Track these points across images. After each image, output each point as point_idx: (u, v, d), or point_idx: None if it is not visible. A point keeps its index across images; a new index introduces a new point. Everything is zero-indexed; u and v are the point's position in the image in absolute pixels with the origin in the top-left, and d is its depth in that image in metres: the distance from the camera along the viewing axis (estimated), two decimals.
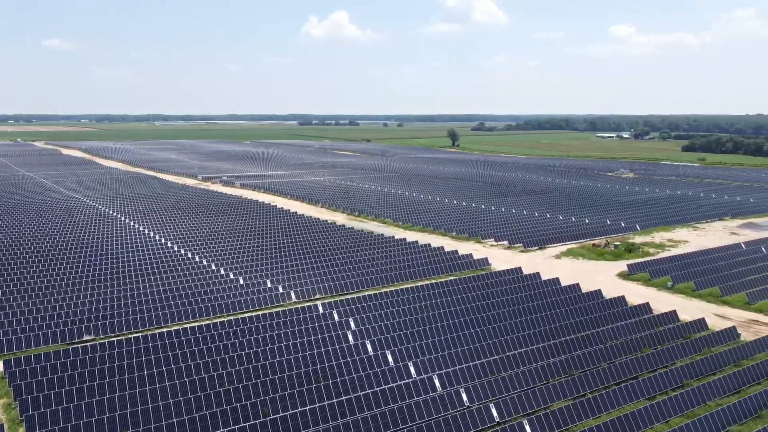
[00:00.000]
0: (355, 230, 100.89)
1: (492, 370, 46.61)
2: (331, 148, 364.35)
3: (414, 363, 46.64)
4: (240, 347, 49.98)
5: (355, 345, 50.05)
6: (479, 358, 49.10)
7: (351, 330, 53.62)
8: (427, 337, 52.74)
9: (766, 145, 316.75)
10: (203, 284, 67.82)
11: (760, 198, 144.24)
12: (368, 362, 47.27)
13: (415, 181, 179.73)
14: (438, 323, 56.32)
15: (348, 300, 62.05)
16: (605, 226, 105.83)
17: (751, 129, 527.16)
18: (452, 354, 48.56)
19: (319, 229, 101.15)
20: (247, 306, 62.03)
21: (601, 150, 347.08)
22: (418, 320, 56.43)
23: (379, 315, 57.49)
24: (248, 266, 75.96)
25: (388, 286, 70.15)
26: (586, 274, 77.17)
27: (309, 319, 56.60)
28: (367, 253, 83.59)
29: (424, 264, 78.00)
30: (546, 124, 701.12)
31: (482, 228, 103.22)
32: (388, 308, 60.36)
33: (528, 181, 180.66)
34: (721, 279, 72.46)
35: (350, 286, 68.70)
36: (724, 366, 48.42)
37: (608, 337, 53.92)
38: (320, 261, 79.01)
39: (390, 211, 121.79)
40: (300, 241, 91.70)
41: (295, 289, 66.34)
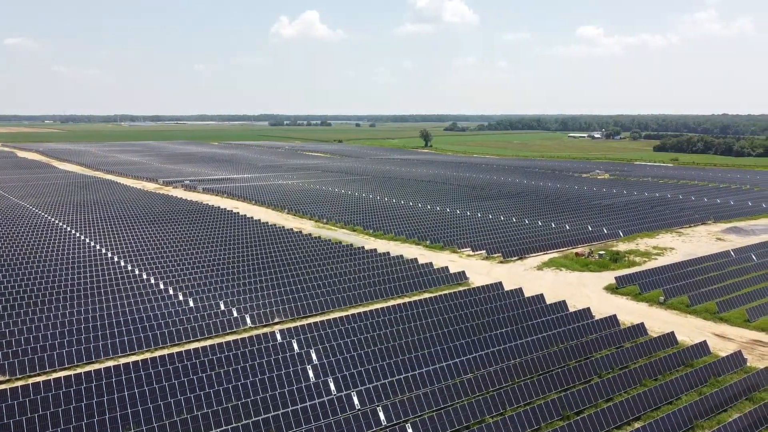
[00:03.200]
0: (323, 240, 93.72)
1: (477, 411, 40.01)
2: (302, 149, 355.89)
3: (384, 407, 39.79)
4: (180, 390, 42.50)
5: (316, 384, 43.00)
6: (459, 397, 42.53)
7: (312, 364, 46.53)
8: (399, 372, 45.94)
9: (736, 145, 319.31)
10: (146, 308, 59.93)
11: (740, 200, 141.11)
12: (330, 406, 40.29)
13: (387, 184, 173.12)
14: (412, 353, 49.62)
15: (311, 325, 54.91)
16: (587, 232, 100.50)
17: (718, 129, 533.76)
18: (428, 393, 41.86)
19: (283, 239, 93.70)
20: (194, 334, 54.48)
21: (574, 150, 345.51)
22: (389, 350, 49.58)
23: (345, 344, 50.48)
24: (201, 285, 68.26)
25: (357, 307, 63.21)
26: (572, 288, 71.39)
27: (265, 351, 49.33)
28: (334, 267, 76.53)
29: (396, 279, 71.27)
30: (518, 124, 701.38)
31: (458, 236, 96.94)
32: (356, 335, 53.43)
33: (503, 183, 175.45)
34: (716, 292, 67.23)
35: (314, 308, 61.57)
36: (737, 400, 42.64)
37: (603, 366, 47.82)
38: (282, 277, 71.69)
39: (360, 217, 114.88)
40: (261, 253, 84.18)
41: (251, 313, 58.95)
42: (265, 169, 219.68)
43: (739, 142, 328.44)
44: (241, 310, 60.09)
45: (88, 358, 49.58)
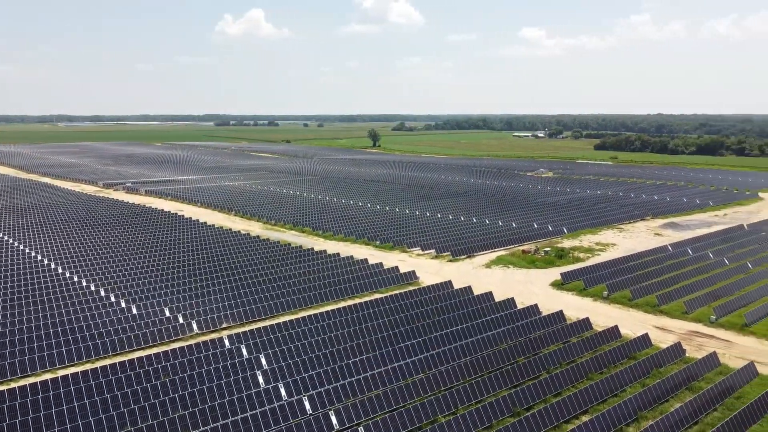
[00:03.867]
0: (271, 242, 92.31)
1: (430, 411, 40.05)
2: (249, 149, 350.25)
3: (336, 411, 39.35)
4: (124, 402, 40.85)
5: (266, 390, 42.15)
6: (412, 398, 42.51)
7: (262, 369, 45.62)
8: (351, 375, 45.56)
9: (671, 143, 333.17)
10: (86, 317, 57.47)
11: (675, 196, 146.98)
12: (281, 412, 39.54)
13: (337, 184, 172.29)
14: (363, 355, 49.35)
15: (260, 330, 53.85)
16: (533, 230, 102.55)
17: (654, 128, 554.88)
18: (381, 395, 41.65)
19: (230, 242, 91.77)
20: (138, 342, 52.60)
21: (519, 149, 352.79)
22: (340, 352, 49.13)
23: (296, 348, 49.73)
24: (144, 291, 65.99)
25: (307, 310, 62.44)
26: (520, 285, 72.63)
27: (212, 357, 48.05)
28: (283, 269, 75.46)
29: (347, 280, 70.81)
30: (464, 123, 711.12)
31: (408, 236, 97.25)
32: (306, 338, 52.74)
33: (451, 182, 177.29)
34: (655, 286, 69.68)
35: (263, 312, 60.46)
36: (677, 391, 44.20)
37: (551, 361, 48.75)
38: (230, 281, 70.13)
39: (310, 218, 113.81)
40: (208, 256, 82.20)
41: (198, 319, 57.39)
42: (211, 171, 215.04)
43: (673, 140, 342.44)
44: (188, 316, 58.42)
45: (23, 371, 47.14)
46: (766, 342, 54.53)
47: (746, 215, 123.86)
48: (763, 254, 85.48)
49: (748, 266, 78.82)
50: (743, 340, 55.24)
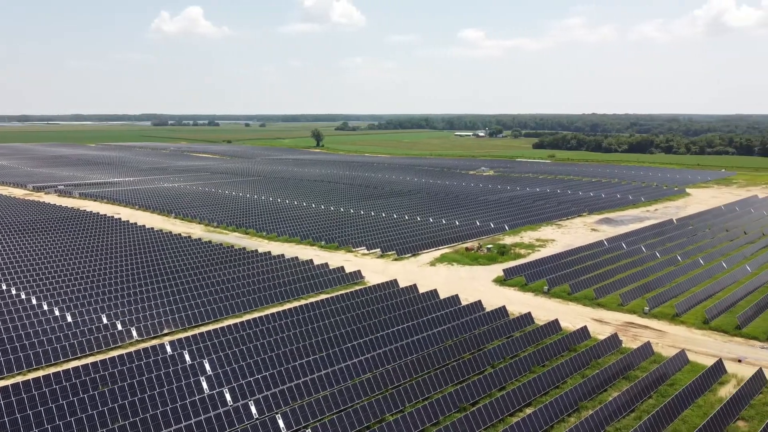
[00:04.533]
0: (213, 244, 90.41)
1: (378, 410, 40.15)
2: (189, 150, 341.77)
3: (283, 414, 38.92)
4: (59, 414, 39.11)
5: (211, 395, 41.25)
6: (359, 398, 42.52)
7: (206, 375, 44.62)
8: (298, 377, 45.18)
9: (605, 142, 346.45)
10: (16, 326, 54.66)
11: (609, 193, 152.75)
12: (226, 417, 38.80)
13: (280, 184, 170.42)
14: (310, 356, 49.02)
15: (203, 335, 52.65)
16: (476, 227, 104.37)
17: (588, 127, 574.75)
18: (328, 396, 41.46)
19: (170, 246, 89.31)
20: (73, 352, 50.50)
21: (461, 148, 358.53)
22: (286, 355, 48.63)
23: (240, 352, 48.88)
24: (79, 298, 63.37)
25: (252, 312, 61.50)
26: (464, 282, 73.79)
27: (154, 364, 46.63)
28: (226, 272, 74.04)
29: (292, 282, 70.14)
30: (407, 123, 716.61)
31: (353, 235, 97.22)
32: (251, 342, 51.94)
33: (395, 181, 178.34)
34: (593, 280, 72.17)
35: (206, 316, 59.15)
36: (615, 380, 45.93)
37: (495, 356, 49.76)
38: (171, 285, 68.21)
39: (253, 219, 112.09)
40: (147, 261, 79.74)
41: (137, 325, 55.58)
42: (148, 172, 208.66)
43: (607, 139, 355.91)
44: (126, 322, 56.49)
45: None
46: (696, 331, 57.38)
47: (675, 210, 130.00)
48: (691, 247, 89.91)
49: (678, 259, 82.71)
50: (674, 329, 57.93)
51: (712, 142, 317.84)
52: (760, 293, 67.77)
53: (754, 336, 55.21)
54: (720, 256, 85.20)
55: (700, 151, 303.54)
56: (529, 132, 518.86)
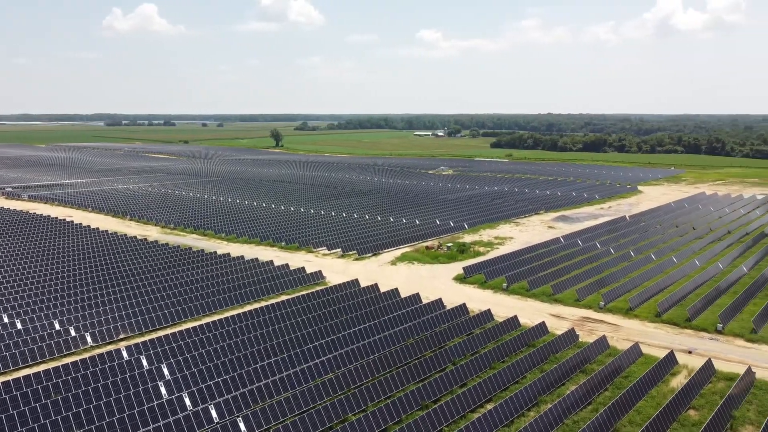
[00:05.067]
0: (171, 246, 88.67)
1: (340, 410, 40.10)
2: (144, 150, 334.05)
3: (244, 417, 38.49)
4: (9, 425, 37.75)
5: (170, 400, 40.45)
6: (322, 398, 42.40)
7: (164, 380, 43.73)
8: (259, 379, 44.74)
9: (560, 141, 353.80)
10: None
11: (565, 191, 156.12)
12: (186, 422, 38.14)
13: (239, 185, 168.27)
14: (271, 358, 48.61)
15: (161, 339, 51.60)
16: (436, 226, 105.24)
17: (544, 126, 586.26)
18: (290, 398, 41.21)
19: (126, 248, 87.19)
20: (24, 359, 48.81)
21: (420, 148, 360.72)
22: (247, 357, 48.11)
23: (200, 356, 48.13)
24: (30, 304, 61.28)
25: (211, 315, 60.59)
26: (424, 281, 74.33)
27: (110, 370, 45.48)
28: (184, 274, 72.72)
29: (252, 283, 69.39)
30: (367, 123, 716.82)
31: (314, 235, 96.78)
32: (211, 345, 51.18)
33: (355, 181, 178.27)
34: (550, 276, 73.67)
35: (164, 320, 57.99)
36: (572, 374, 47.01)
37: (456, 353, 50.29)
38: (126, 289, 66.61)
39: (211, 221, 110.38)
40: (101, 264, 77.66)
41: (92, 330, 54.09)
42: (102, 173, 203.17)
43: (562, 138, 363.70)
44: (80, 328, 54.93)
45: None
46: (649, 324, 59.20)
47: (628, 207, 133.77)
48: (643, 243, 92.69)
49: (631, 254, 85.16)
50: (628, 323, 59.63)
51: (662, 141, 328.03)
52: (708, 286, 70.34)
53: (703, 328, 57.29)
54: (670, 251, 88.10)
55: (651, 150, 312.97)
56: (487, 132, 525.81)
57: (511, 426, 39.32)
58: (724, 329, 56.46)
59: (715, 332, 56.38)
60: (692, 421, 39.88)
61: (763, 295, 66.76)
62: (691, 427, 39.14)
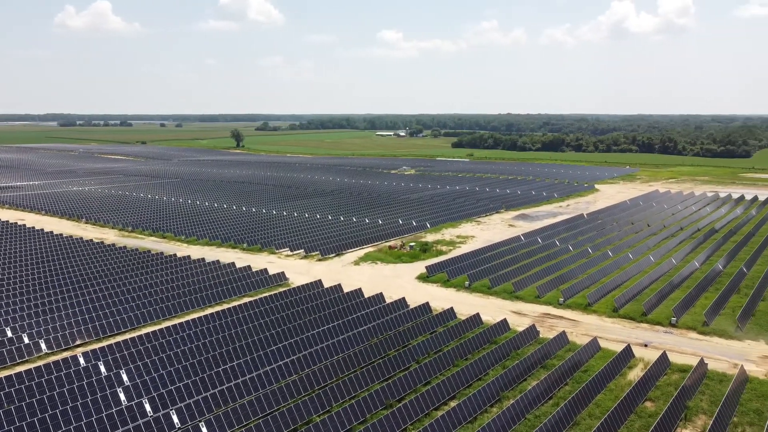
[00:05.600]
0: (129, 250, 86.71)
1: (304, 412, 39.91)
2: (100, 152, 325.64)
3: (207, 422, 37.97)
4: None
5: (129, 407, 39.60)
6: (286, 400, 42.13)
7: (123, 386, 42.78)
8: (222, 383, 44.19)
9: (519, 141, 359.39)
10: None
11: (525, 190, 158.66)
12: (146, 429, 37.40)
13: (199, 186, 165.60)
14: (234, 361, 48.06)
15: (119, 344, 50.44)
16: (398, 226, 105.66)
17: (504, 127, 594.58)
18: (254, 401, 40.82)
19: (82, 252, 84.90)
20: None
21: (382, 148, 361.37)
22: (209, 361, 47.45)
23: (160, 360, 47.23)
24: None
25: (172, 319, 59.53)
26: (387, 280, 74.55)
27: (66, 378, 44.25)
28: (144, 278, 71.23)
29: (213, 285, 68.43)
30: (329, 123, 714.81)
31: (276, 237, 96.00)
32: (171, 349, 50.30)
33: (318, 181, 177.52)
34: (511, 274, 74.79)
35: (122, 324, 56.69)
36: (533, 370, 47.87)
37: (419, 352, 50.63)
38: (83, 294, 64.88)
39: (171, 223, 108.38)
40: (56, 269, 75.42)
41: (47, 337, 52.52)
42: (56, 175, 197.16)
43: (521, 138, 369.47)
44: (34, 335, 53.25)
45: None
46: (607, 319, 60.71)
47: (585, 205, 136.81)
48: (600, 240, 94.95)
49: (589, 251, 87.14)
50: (587, 318, 61.04)
51: (617, 140, 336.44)
52: (662, 281, 72.53)
53: (658, 321, 59.07)
54: (627, 247, 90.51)
55: (607, 149, 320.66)
56: (448, 131, 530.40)
57: (475, 423, 39.82)
58: (678, 322, 58.33)
59: (669, 326, 58.18)
60: (649, 413, 41.09)
61: (714, 289, 69.20)
62: (647, 418, 40.31)
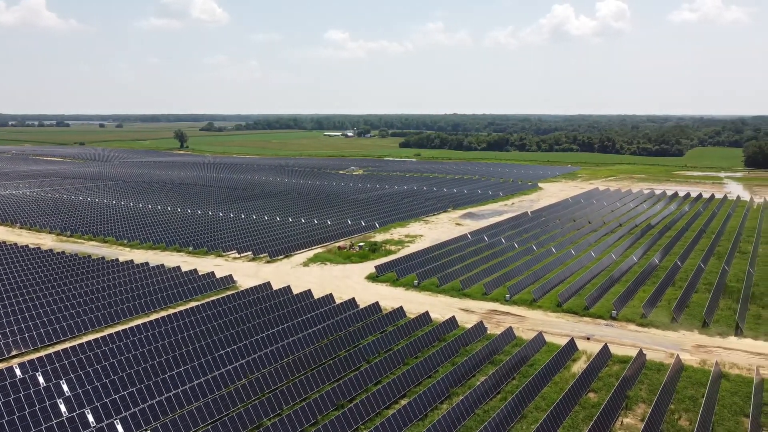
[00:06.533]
0: (67, 255, 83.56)
1: (255, 416, 39.48)
2: (35, 153, 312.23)
3: (153, 430, 37.05)
4: None
5: (71, 418, 38.24)
6: (236, 405, 41.57)
7: (64, 396, 41.27)
8: (169, 390, 43.19)
9: (465, 140, 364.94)
10: None
11: (471, 189, 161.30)
12: None
13: (141, 189, 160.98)
14: (181, 367, 47.07)
15: (59, 354, 48.60)
16: (347, 226, 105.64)
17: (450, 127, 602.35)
18: (202, 407, 40.09)
19: (16, 258, 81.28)
20: None
21: (330, 148, 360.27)
22: (155, 367, 46.29)
23: (103, 369, 45.77)
24: None
25: (115, 326, 57.76)
26: (337, 281, 74.48)
27: (1, 390, 42.27)
28: (84, 284, 68.81)
29: (158, 290, 66.73)
30: (276, 123, 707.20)
31: (223, 239, 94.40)
32: (115, 357, 48.82)
33: (265, 183, 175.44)
34: (459, 272, 75.96)
35: (62, 333, 54.62)
36: (482, 366, 48.80)
37: (370, 352, 50.85)
38: (18, 302, 62.15)
39: (112, 227, 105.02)
40: None
41: None
42: None
43: (467, 138, 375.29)
44: None
45: None
46: (551, 314, 62.45)
47: (529, 203, 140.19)
48: (544, 237, 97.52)
49: (533, 248, 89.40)
50: (533, 313, 62.64)
51: (559, 140, 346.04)
52: (603, 276, 75.16)
53: (600, 315, 61.20)
54: (569, 244, 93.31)
55: (549, 149, 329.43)
56: (396, 132, 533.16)
57: (425, 420, 40.31)
58: (618, 315, 60.59)
59: (610, 319, 60.36)
60: (592, 403, 42.56)
61: (651, 283, 72.19)
62: (591, 408, 41.75)
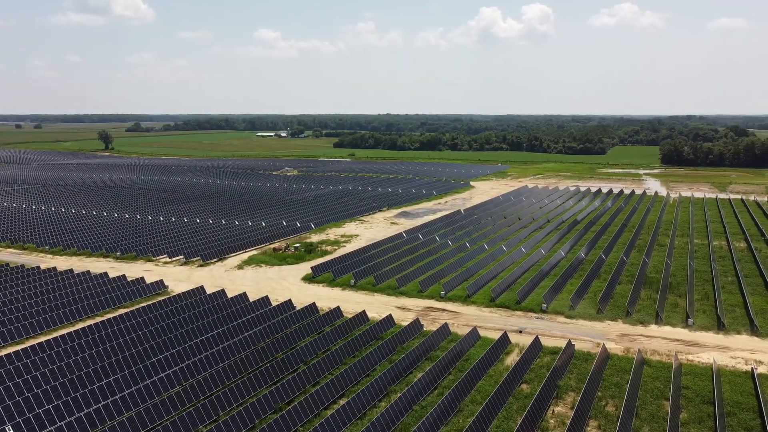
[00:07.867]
0: None
1: (190, 423, 38.50)
2: None
3: None
4: None
5: None
6: (169, 414, 40.40)
7: None
8: (97, 401, 41.51)
9: (399, 140, 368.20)
10: None
11: (406, 188, 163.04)
12: None
13: (63, 192, 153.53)
14: (110, 377, 45.32)
15: None
16: (282, 227, 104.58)
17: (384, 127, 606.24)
18: (133, 418, 38.73)
19: None
20: None
21: (263, 149, 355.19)
22: (82, 379, 44.34)
23: (25, 382, 43.46)
24: None
25: (36, 337, 54.95)
26: (273, 283, 73.69)
27: None
28: (2, 293, 65.01)
29: (84, 298, 63.96)
30: (206, 124, 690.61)
31: (153, 243, 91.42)
32: (38, 370, 46.46)
33: (196, 185, 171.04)
34: (395, 270, 76.70)
35: None
36: (419, 362, 49.50)
37: (307, 353, 50.63)
38: None
39: (32, 233, 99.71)
40: None
41: None
42: None
43: (401, 138, 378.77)
44: None
45: None
46: (485, 309, 64.05)
47: (462, 202, 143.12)
48: (477, 234, 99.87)
49: (467, 246, 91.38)
50: (467, 309, 64.06)
51: (489, 139, 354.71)
52: (533, 271, 77.72)
53: (531, 308, 63.28)
54: (501, 240, 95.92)
55: (480, 148, 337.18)
56: (330, 132, 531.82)
57: (364, 418, 40.53)
58: (548, 308, 62.84)
59: (540, 312, 62.51)
60: (525, 394, 43.99)
61: (578, 276, 75.26)
62: (524, 399, 43.15)
